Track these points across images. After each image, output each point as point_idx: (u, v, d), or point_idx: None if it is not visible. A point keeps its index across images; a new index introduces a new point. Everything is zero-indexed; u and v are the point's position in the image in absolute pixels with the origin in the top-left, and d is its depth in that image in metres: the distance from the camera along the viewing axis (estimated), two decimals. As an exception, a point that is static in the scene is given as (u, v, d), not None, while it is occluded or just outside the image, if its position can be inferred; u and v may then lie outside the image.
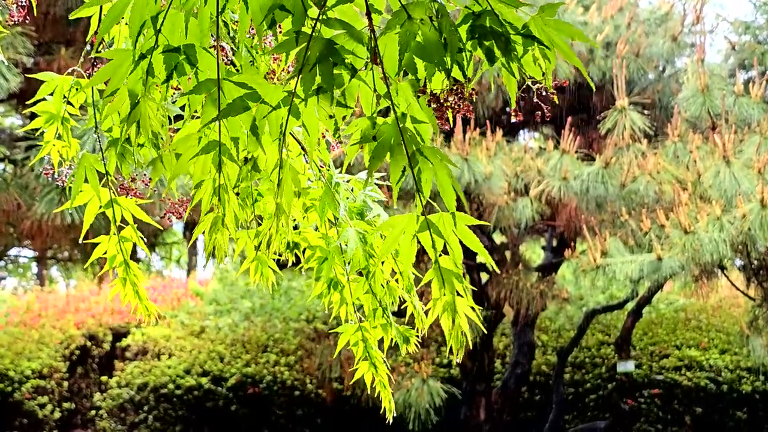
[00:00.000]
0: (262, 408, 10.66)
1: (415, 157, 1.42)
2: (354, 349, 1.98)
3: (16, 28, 7.61)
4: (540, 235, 10.34)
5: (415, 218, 1.46)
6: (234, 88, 1.46)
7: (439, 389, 8.32)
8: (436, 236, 1.46)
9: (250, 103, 1.45)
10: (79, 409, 11.42)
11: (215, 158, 1.48)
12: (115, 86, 1.53)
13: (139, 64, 1.50)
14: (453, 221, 1.45)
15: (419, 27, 1.40)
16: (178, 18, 1.49)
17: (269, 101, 1.45)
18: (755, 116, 7.27)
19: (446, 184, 1.43)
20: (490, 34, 1.42)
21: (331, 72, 1.42)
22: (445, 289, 1.49)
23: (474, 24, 1.43)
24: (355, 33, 1.44)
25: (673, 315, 11.54)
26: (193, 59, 1.50)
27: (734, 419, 10.03)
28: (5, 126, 12.35)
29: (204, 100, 1.47)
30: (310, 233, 1.96)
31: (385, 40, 1.44)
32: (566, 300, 8.43)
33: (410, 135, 1.43)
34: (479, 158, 7.54)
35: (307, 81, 1.41)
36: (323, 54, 1.41)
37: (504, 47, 1.43)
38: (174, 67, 1.49)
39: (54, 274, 21.47)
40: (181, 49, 1.49)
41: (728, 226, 6.61)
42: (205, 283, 14.25)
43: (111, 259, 1.93)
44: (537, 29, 1.45)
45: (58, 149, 1.84)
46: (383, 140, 1.43)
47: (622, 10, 8.94)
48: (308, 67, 1.41)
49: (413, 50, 1.41)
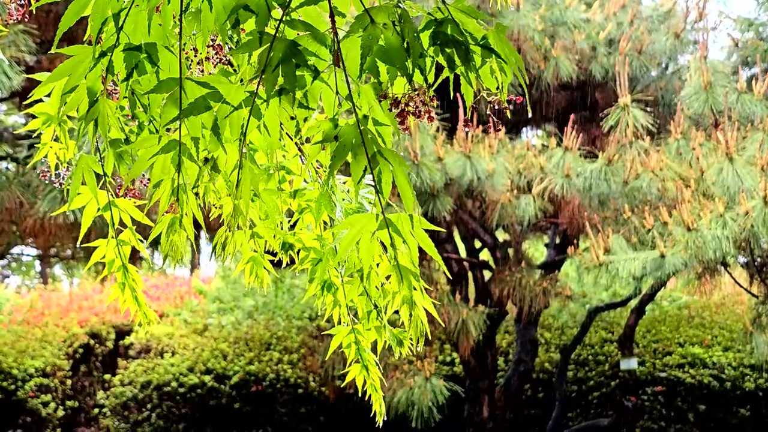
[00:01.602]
0: (265, 406, 10.67)
1: (375, 159, 1.44)
2: (346, 351, 1.99)
3: (18, 27, 7.62)
4: (543, 232, 10.34)
5: (374, 217, 1.50)
6: (196, 88, 1.45)
7: (442, 387, 8.31)
8: (395, 234, 1.49)
9: (212, 103, 1.44)
10: (82, 407, 11.43)
11: (174, 158, 1.48)
12: (75, 83, 1.52)
13: (99, 61, 1.49)
14: (411, 222, 1.49)
15: (382, 31, 1.41)
16: (140, 16, 1.49)
17: (231, 101, 1.45)
18: (758, 113, 7.26)
19: (405, 187, 1.46)
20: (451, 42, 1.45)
21: (294, 73, 1.42)
22: (403, 285, 1.54)
23: (436, 30, 1.45)
24: (319, 35, 1.45)
25: (676, 312, 11.54)
26: (154, 58, 1.49)
27: (737, 416, 10.02)
28: (8, 124, 12.36)
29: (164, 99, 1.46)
30: (305, 234, 1.96)
31: (348, 43, 1.45)
32: (569, 297, 8.42)
33: (371, 137, 1.44)
34: (482, 155, 7.53)
35: (269, 82, 1.41)
36: (286, 55, 1.42)
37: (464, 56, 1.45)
38: (135, 65, 1.49)
39: (57, 272, 21.50)
40: (142, 47, 1.49)
41: (731, 223, 6.60)
42: (208, 281, 14.26)
43: (110, 263, 1.92)
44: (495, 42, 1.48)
45: (55, 151, 1.84)
46: (344, 140, 1.45)
47: (624, 7, 8.93)
48: (271, 68, 1.41)
49: (375, 54, 1.43)
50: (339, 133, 1.45)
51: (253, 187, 1.51)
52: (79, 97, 1.54)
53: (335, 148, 1.45)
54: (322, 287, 1.98)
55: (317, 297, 1.98)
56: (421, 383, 8.25)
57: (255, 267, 2.01)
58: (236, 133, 1.47)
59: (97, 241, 1.91)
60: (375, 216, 1.50)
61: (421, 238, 1.51)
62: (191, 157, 1.48)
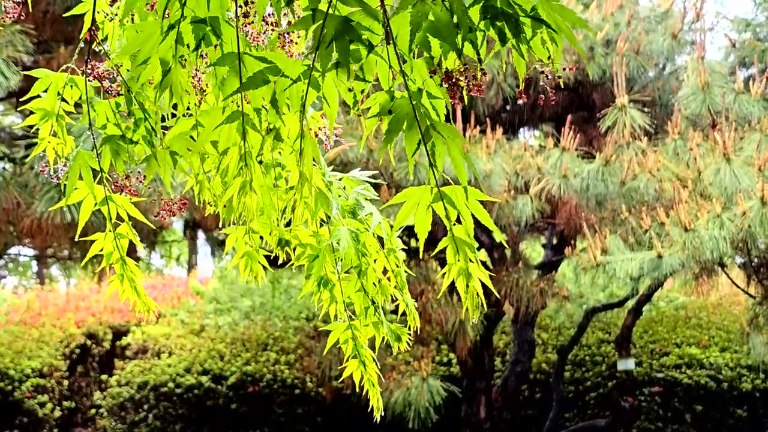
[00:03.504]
0: (262, 406, 10.66)
1: (428, 132, 1.47)
2: (343, 347, 2.00)
3: (15, 26, 7.61)
4: (540, 233, 10.33)
5: (429, 190, 1.54)
6: (255, 63, 1.50)
7: (439, 387, 8.31)
8: (450, 207, 1.53)
9: (270, 77, 1.49)
10: (79, 407, 11.41)
11: (239, 127, 1.54)
12: (147, 55, 1.58)
13: (168, 33, 1.55)
14: (465, 194, 1.53)
15: (431, 7, 1.43)
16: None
17: (289, 74, 1.49)
18: (755, 114, 7.26)
19: (458, 160, 1.49)
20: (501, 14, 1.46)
21: (348, 48, 1.45)
22: (459, 256, 1.57)
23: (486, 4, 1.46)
24: (371, 10, 1.47)
25: (673, 313, 11.54)
26: (218, 31, 1.56)
27: (734, 417, 10.03)
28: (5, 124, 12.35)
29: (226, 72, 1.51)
30: (301, 231, 1.97)
31: (398, 19, 1.47)
32: (566, 298, 8.42)
33: (424, 111, 1.47)
34: (479, 156, 7.53)
35: (324, 57, 1.45)
36: (338, 31, 1.45)
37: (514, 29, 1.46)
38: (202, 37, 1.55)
39: (54, 272, 21.48)
40: (207, 20, 1.55)
41: (728, 223, 6.60)
42: (206, 281, 14.26)
43: (107, 256, 1.93)
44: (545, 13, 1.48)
45: (53, 146, 1.84)
46: (399, 114, 1.48)
47: (622, 8, 8.93)
48: (324, 44, 1.44)
49: (426, 29, 1.45)
50: (393, 106, 1.47)
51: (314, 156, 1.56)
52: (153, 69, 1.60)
53: (390, 121, 1.47)
54: (318, 284, 1.98)
55: (314, 294, 1.98)
56: (418, 384, 8.25)
57: (250, 262, 2.01)
58: (296, 105, 1.52)
59: (94, 235, 1.91)
60: (429, 189, 1.53)
61: (476, 209, 1.54)
62: (254, 127, 1.55)
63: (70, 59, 1.65)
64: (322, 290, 1.99)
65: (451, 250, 1.58)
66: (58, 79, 1.80)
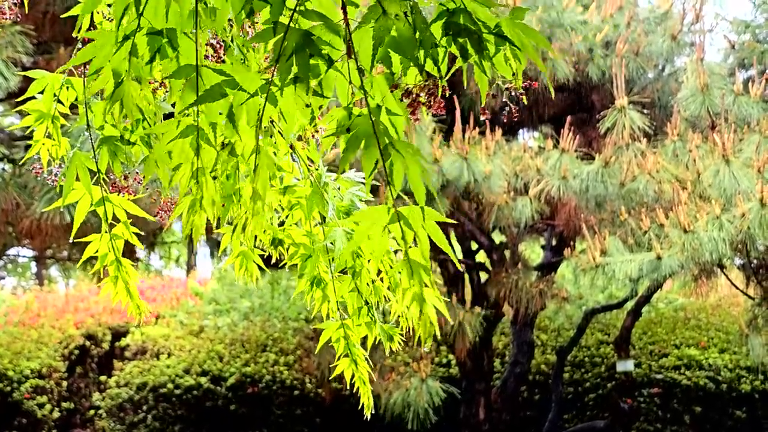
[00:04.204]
0: (261, 407, 10.66)
1: (387, 150, 1.43)
2: (335, 345, 2.00)
3: (15, 28, 7.61)
4: (539, 234, 10.33)
5: (386, 210, 1.48)
6: (213, 75, 1.48)
7: (438, 388, 8.31)
8: (406, 228, 1.48)
9: (228, 90, 1.46)
10: (78, 408, 11.41)
11: (193, 142, 1.50)
12: (99, 65, 1.55)
13: (123, 44, 1.52)
14: (422, 215, 1.47)
15: (394, 22, 1.42)
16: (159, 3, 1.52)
17: (247, 88, 1.46)
18: (755, 115, 7.26)
19: (417, 179, 1.44)
20: (463, 31, 1.45)
21: (308, 62, 1.43)
22: (414, 280, 1.51)
23: (448, 21, 1.45)
24: (332, 25, 1.46)
25: (672, 314, 11.54)
26: (174, 43, 1.52)
27: (733, 418, 10.03)
28: (4, 125, 12.34)
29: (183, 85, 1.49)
30: (295, 230, 1.97)
31: (361, 33, 1.46)
32: (565, 299, 8.42)
33: (383, 128, 1.44)
34: (478, 157, 7.53)
35: (283, 71, 1.43)
36: (300, 45, 1.43)
37: (477, 45, 1.45)
38: (157, 49, 1.52)
39: (53, 273, 21.47)
40: (163, 32, 1.52)
41: (727, 225, 6.60)
42: (205, 282, 14.25)
43: (102, 257, 1.92)
44: (508, 30, 1.47)
45: (47, 148, 1.84)
46: (357, 132, 1.45)
47: (621, 9, 8.93)
48: (285, 57, 1.42)
49: (388, 44, 1.43)
50: (352, 124, 1.45)
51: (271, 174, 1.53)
52: (104, 79, 1.57)
53: (347, 140, 1.45)
54: (311, 283, 1.98)
55: (306, 293, 1.98)
56: (417, 385, 8.24)
57: (245, 261, 2.01)
58: (253, 119, 1.49)
59: (90, 236, 1.91)
60: (386, 209, 1.48)
61: (433, 232, 1.49)
62: (209, 142, 1.51)
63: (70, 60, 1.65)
64: (314, 289, 1.98)
65: (406, 274, 1.51)
66: (54, 80, 1.80)
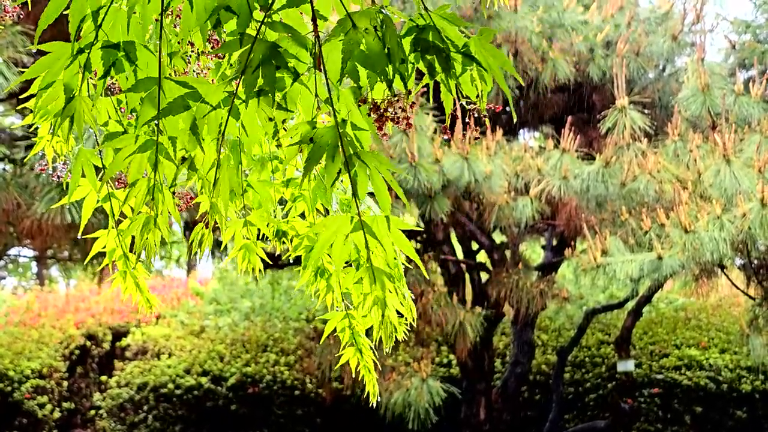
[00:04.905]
0: (261, 407, 10.66)
1: (351, 160, 1.42)
2: (340, 335, 1.99)
3: (16, 27, 7.61)
4: (540, 234, 10.34)
5: (349, 219, 1.47)
6: (175, 87, 1.45)
7: (438, 388, 8.31)
8: (370, 237, 1.47)
9: (191, 102, 1.44)
10: (78, 408, 11.41)
11: (152, 157, 1.47)
12: (51, 79, 1.51)
13: (77, 58, 1.48)
14: (387, 224, 1.47)
15: (363, 36, 1.41)
16: (120, 14, 1.49)
17: (210, 101, 1.44)
18: (755, 115, 7.26)
19: (381, 188, 1.44)
20: (432, 48, 1.44)
21: (274, 75, 1.42)
22: (376, 286, 1.51)
23: (417, 37, 1.45)
24: (300, 37, 1.44)
25: (673, 314, 11.54)
26: (132, 56, 1.49)
27: (734, 418, 10.03)
28: (5, 125, 12.35)
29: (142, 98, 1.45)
30: (298, 222, 1.97)
31: (330, 46, 1.45)
32: (566, 299, 8.42)
33: (349, 139, 1.43)
34: (479, 157, 7.53)
35: (249, 83, 1.41)
36: (266, 57, 1.41)
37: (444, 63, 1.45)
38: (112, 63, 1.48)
39: (54, 273, 21.46)
40: (120, 45, 1.49)
41: (728, 225, 6.60)
42: (205, 282, 14.25)
43: (110, 252, 1.92)
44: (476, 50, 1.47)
45: (52, 145, 1.83)
46: (320, 143, 1.43)
47: (622, 9, 8.94)
48: (251, 69, 1.41)
49: (356, 58, 1.42)
50: (315, 135, 1.43)
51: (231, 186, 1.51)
52: (56, 93, 1.53)
53: (311, 150, 1.43)
54: (315, 274, 1.98)
55: (310, 284, 1.98)
56: (418, 385, 8.24)
57: (248, 254, 2.01)
58: (214, 132, 1.47)
59: (98, 232, 1.91)
60: (350, 217, 1.47)
61: (398, 240, 1.49)
62: (168, 156, 1.47)
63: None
64: (318, 280, 1.98)
65: (368, 281, 1.51)
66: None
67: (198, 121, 1.45)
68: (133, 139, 1.49)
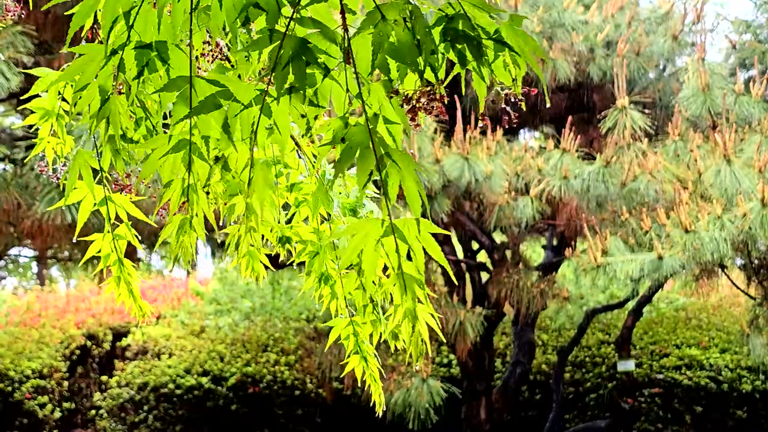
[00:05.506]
0: (262, 407, 10.66)
1: (383, 161, 1.40)
2: (345, 343, 1.97)
3: (17, 28, 7.61)
4: (540, 234, 10.33)
5: (379, 223, 1.43)
6: (206, 86, 1.44)
7: (439, 388, 8.31)
8: (401, 242, 1.42)
9: (222, 101, 1.43)
10: (79, 408, 11.41)
11: (185, 157, 1.47)
12: (86, 81, 1.51)
13: (110, 59, 1.48)
14: (417, 227, 1.42)
15: (393, 28, 1.40)
16: (151, 14, 1.48)
17: (241, 99, 1.43)
18: (756, 115, 7.26)
19: (412, 190, 1.41)
20: (462, 37, 1.43)
21: (304, 71, 1.41)
22: (407, 296, 1.45)
23: (447, 27, 1.43)
24: (329, 32, 1.43)
25: (673, 314, 11.54)
26: (165, 56, 1.48)
27: (734, 418, 10.03)
28: (5, 126, 12.35)
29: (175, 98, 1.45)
30: (302, 227, 1.96)
31: (359, 40, 1.43)
32: (567, 299, 8.42)
33: (380, 138, 1.41)
34: (480, 157, 7.53)
35: (279, 80, 1.40)
36: (296, 53, 1.40)
37: (476, 51, 1.43)
38: (145, 63, 1.48)
39: (54, 273, 21.46)
40: (153, 45, 1.48)
41: (729, 225, 6.60)
42: (206, 282, 14.25)
43: (105, 257, 1.91)
44: (508, 36, 1.45)
45: (52, 146, 1.83)
46: (352, 142, 1.41)
47: (622, 9, 8.93)
48: (281, 65, 1.40)
49: (386, 51, 1.41)
50: (347, 134, 1.41)
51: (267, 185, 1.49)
52: (91, 96, 1.53)
53: (342, 150, 1.41)
54: (319, 280, 1.97)
55: (314, 290, 1.97)
56: (418, 385, 8.24)
57: (251, 261, 2.00)
58: (246, 131, 1.46)
59: (93, 236, 1.90)
60: (380, 221, 1.43)
61: (428, 244, 1.44)
62: (202, 156, 1.47)
63: (71, 59, 1.65)
64: (322, 286, 1.97)
65: (399, 290, 1.45)
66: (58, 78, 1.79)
67: (230, 119, 1.44)
68: (166, 140, 1.49)
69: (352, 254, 1.47)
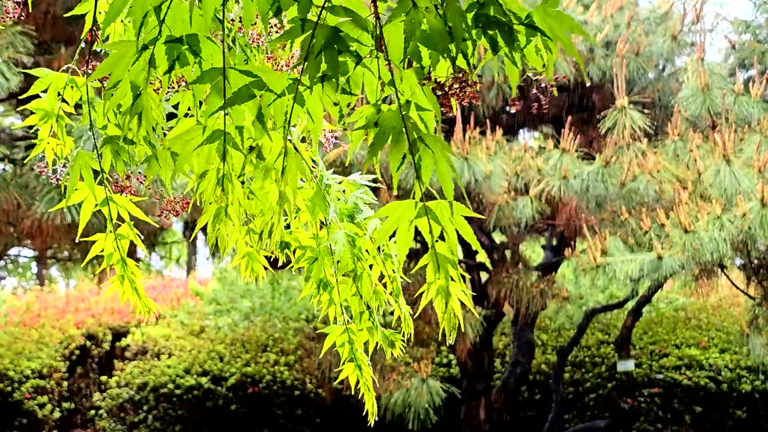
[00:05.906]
0: (261, 407, 10.66)
1: (416, 145, 1.42)
2: (340, 350, 1.98)
3: (16, 28, 7.61)
4: (540, 234, 10.33)
5: (413, 205, 1.47)
6: (239, 77, 1.46)
7: (438, 388, 8.31)
8: (434, 222, 1.47)
9: (255, 91, 1.45)
10: (78, 408, 11.41)
11: (220, 147, 1.49)
12: (118, 78, 1.52)
13: (141, 55, 1.49)
14: (450, 209, 1.47)
15: (424, 15, 1.41)
16: (181, 8, 1.49)
17: (274, 89, 1.45)
18: (755, 115, 7.26)
19: (445, 173, 1.45)
20: (494, 23, 1.43)
21: (337, 59, 1.42)
22: (440, 274, 1.50)
23: (478, 13, 1.43)
24: (360, 20, 1.44)
25: (673, 314, 11.54)
26: (196, 49, 1.49)
27: (734, 418, 10.03)
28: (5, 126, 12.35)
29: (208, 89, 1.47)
30: (302, 233, 1.96)
31: (391, 28, 1.45)
32: (566, 299, 8.42)
33: (413, 123, 1.43)
34: (479, 157, 7.53)
35: (312, 68, 1.42)
36: (328, 41, 1.42)
37: (507, 37, 1.43)
38: (176, 57, 1.49)
39: (54, 273, 21.47)
40: (183, 38, 1.49)
41: (728, 224, 6.60)
42: (205, 282, 14.25)
43: (108, 256, 1.92)
44: (540, 20, 1.45)
45: (52, 147, 1.83)
46: (385, 126, 1.44)
47: (622, 9, 8.93)
48: (313, 54, 1.41)
49: (418, 38, 1.42)
50: (379, 119, 1.44)
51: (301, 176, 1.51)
52: (123, 92, 1.54)
53: (375, 135, 1.44)
54: (318, 286, 1.97)
55: (313, 296, 1.98)
56: (418, 385, 8.24)
57: (250, 262, 2.00)
58: (280, 120, 1.47)
59: (95, 236, 1.90)
60: (413, 203, 1.47)
61: (461, 226, 1.48)
62: (236, 146, 1.49)
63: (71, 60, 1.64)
64: (321, 292, 1.97)
65: (432, 268, 1.51)
66: (58, 79, 1.79)
67: (264, 109, 1.46)
68: (200, 131, 1.50)
69: (387, 232, 1.50)
